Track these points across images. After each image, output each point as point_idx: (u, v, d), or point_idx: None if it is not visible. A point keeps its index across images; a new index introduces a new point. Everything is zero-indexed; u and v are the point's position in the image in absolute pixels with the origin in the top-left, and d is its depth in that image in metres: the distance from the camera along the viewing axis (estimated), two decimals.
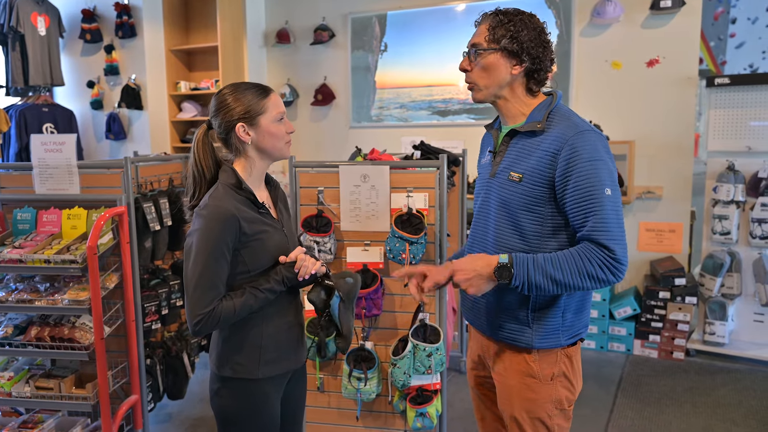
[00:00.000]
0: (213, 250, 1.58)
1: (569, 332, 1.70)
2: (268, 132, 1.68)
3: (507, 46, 1.62)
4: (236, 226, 1.60)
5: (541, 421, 1.70)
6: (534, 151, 1.61)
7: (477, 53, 1.66)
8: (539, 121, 1.63)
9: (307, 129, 5.71)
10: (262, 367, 1.71)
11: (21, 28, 5.04)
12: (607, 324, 4.37)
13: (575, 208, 1.55)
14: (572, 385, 1.73)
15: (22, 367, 2.89)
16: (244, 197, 1.66)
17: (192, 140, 1.74)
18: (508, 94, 1.68)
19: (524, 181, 1.61)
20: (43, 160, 2.87)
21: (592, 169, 1.54)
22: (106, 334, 2.72)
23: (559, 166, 1.56)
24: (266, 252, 1.68)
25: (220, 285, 1.60)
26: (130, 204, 2.84)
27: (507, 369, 1.73)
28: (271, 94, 1.70)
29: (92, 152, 5.60)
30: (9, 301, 2.67)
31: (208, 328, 1.59)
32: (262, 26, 5.71)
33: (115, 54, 5.36)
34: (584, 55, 4.58)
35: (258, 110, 1.66)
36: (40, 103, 5.27)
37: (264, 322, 1.71)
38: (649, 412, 3.45)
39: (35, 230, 2.84)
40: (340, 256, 2.77)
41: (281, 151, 1.72)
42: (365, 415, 2.85)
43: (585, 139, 1.56)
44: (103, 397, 2.67)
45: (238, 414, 1.70)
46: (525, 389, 1.69)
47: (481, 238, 1.76)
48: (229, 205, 1.61)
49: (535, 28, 1.63)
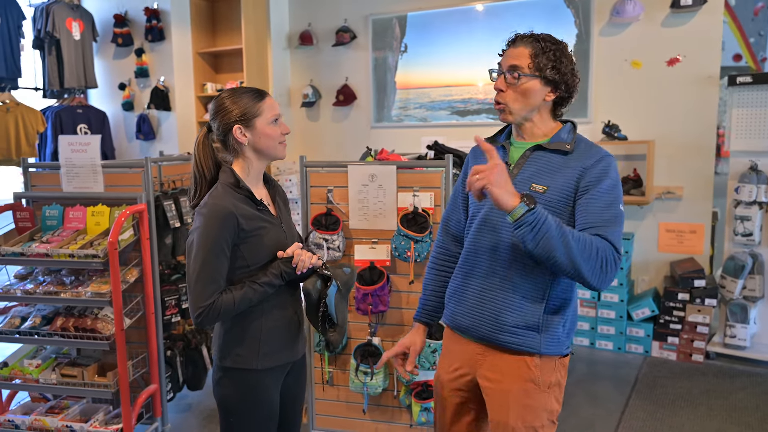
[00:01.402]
0: (213, 246, 1.67)
1: (567, 342, 1.74)
2: (263, 133, 1.76)
3: (549, 75, 1.69)
4: (234, 223, 1.69)
5: (535, 430, 1.71)
6: (562, 169, 1.69)
7: (518, 77, 1.70)
8: (568, 142, 1.71)
9: (329, 129, 5.81)
10: (261, 359, 1.79)
11: (57, 33, 5.25)
12: (625, 325, 4.35)
13: (591, 212, 1.61)
14: (561, 398, 1.76)
15: (50, 356, 3.05)
16: (243, 195, 1.75)
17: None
18: (536, 118, 1.76)
19: (548, 194, 1.67)
20: (70, 159, 3.02)
21: (615, 188, 1.66)
22: (127, 325, 2.85)
23: (587, 178, 1.65)
24: (264, 247, 1.76)
25: (219, 279, 1.69)
26: (150, 202, 2.97)
27: (506, 374, 1.72)
28: (266, 98, 1.78)
29: (123, 152, 5.81)
30: (37, 293, 2.82)
31: (210, 320, 1.68)
32: (285, 28, 5.83)
33: (145, 57, 5.55)
34: (603, 54, 4.56)
35: (254, 113, 1.75)
36: (75, 105, 5.48)
37: (264, 316, 1.79)
38: (662, 413, 3.44)
39: (62, 226, 2.99)
40: (348, 253, 2.85)
41: (276, 151, 1.80)
42: (372, 409, 2.92)
43: (612, 164, 1.69)
44: (123, 385, 2.80)
45: (237, 402, 1.79)
46: (523, 395, 1.70)
47: (491, 248, 1.74)
48: (227, 203, 1.69)
49: (570, 60, 1.73)
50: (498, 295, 1.72)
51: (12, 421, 2.92)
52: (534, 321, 1.68)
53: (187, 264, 1.69)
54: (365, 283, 2.77)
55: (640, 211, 4.54)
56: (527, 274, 1.68)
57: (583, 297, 4.45)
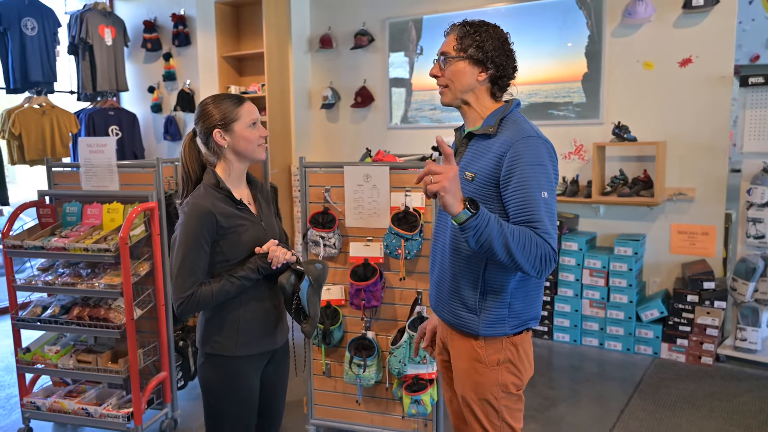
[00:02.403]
0: (192, 242, 1.81)
1: (515, 322, 1.82)
2: (241, 136, 1.89)
3: (473, 54, 1.77)
4: (213, 220, 1.83)
5: (487, 401, 1.83)
6: (485, 153, 1.75)
7: (446, 60, 1.81)
8: (492, 126, 1.77)
9: (347, 130, 5.95)
10: (239, 347, 1.92)
11: (90, 39, 5.54)
12: (634, 326, 4.35)
13: (514, 208, 1.67)
14: (519, 371, 1.84)
15: (69, 343, 3.26)
16: (223, 195, 1.88)
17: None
18: (472, 99, 1.82)
19: (476, 181, 1.75)
20: (89, 160, 3.23)
21: (532, 173, 1.66)
22: (137, 315, 3.03)
23: (504, 168, 1.69)
24: (243, 243, 1.89)
25: (198, 272, 1.83)
26: (161, 200, 3.15)
27: (459, 353, 1.87)
28: (244, 104, 1.91)
29: (152, 152, 6.07)
30: (56, 284, 3.03)
31: (190, 309, 1.83)
32: (306, 32, 5.99)
33: (173, 61, 5.79)
34: (615, 55, 4.56)
35: (232, 117, 1.88)
36: (107, 107, 5.76)
37: (242, 307, 1.93)
38: (662, 414, 3.45)
39: (80, 222, 3.20)
40: (344, 250, 2.97)
41: (254, 153, 1.93)
42: (367, 400, 3.04)
43: (529, 144, 1.69)
44: (133, 371, 2.98)
45: (218, 386, 1.93)
46: (473, 372, 1.83)
47: (443, 232, 1.90)
48: (206, 202, 1.83)
49: (498, 39, 1.79)
50: (446, 282, 1.86)
51: (34, 403, 3.14)
52: (472, 304, 1.80)
53: (170, 258, 1.84)
54: (360, 279, 2.89)
55: (651, 212, 4.53)
56: (465, 262, 1.79)
57: (593, 298, 4.47)
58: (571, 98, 4.79)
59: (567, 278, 4.56)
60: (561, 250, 4.55)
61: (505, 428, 1.84)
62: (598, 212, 4.73)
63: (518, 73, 1.87)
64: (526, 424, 3.34)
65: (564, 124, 4.83)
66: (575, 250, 4.51)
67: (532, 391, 3.74)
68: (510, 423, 1.84)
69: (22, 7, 5.15)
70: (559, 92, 4.82)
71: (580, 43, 4.67)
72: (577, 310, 4.54)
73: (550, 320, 4.65)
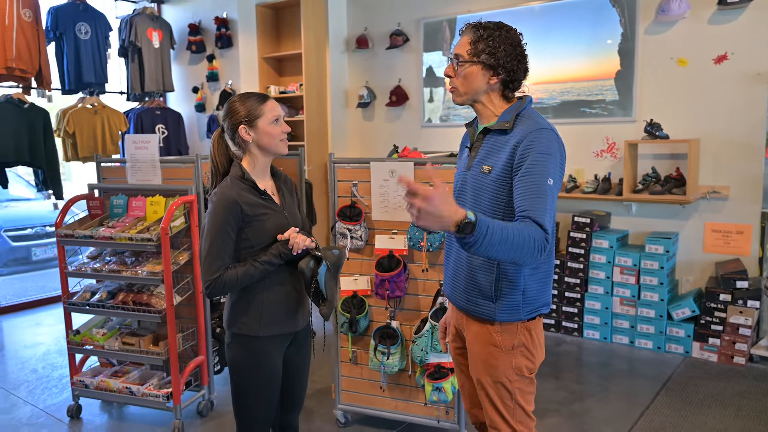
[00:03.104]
0: (219, 229, 1.97)
1: (529, 308, 1.90)
2: (265, 132, 2.04)
3: (485, 60, 1.84)
4: (238, 209, 1.98)
5: (502, 384, 1.92)
6: (503, 147, 1.84)
7: (459, 63, 1.89)
8: (508, 121, 1.85)
9: (383, 128, 6.07)
10: (263, 327, 2.07)
11: (138, 42, 5.82)
12: (665, 325, 4.34)
13: (522, 191, 1.75)
14: (532, 355, 1.93)
15: (115, 326, 3.49)
16: (248, 186, 2.03)
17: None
18: (485, 100, 1.91)
19: (492, 173, 1.84)
20: (134, 155, 3.44)
21: (542, 161, 1.75)
22: (177, 302, 3.23)
23: (518, 156, 1.78)
24: (266, 231, 2.04)
25: (225, 257, 1.98)
26: (200, 193, 3.34)
27: (475, 339, 1.96)
28: (267, 101, 2.06)
29: (195, 149, 6.33)
30: (103, 271, 3.26)
31: (217, 291, 1.98)
32: (344, 33, 6.14)
33: (215, 62, 6.03)
34: (649, 53, 4.55)
35: (256, 114, 2.03)
36: (154, 107, 6.04)
37: (265, 291, 2.07)
38: (688, 411, 3.45)
39: (126, 213, 3.42)
40: (370, 242, 3.09)
41: (277, 148, 2.07)
42: (392, 387, 3.15)
43: (541, 135, 1.78)
44: (172, 354, 3.18)
45: (242, 364, 2.08)
46: (489, 357, 1.92)
47: None
48: (232, 192, 1.99)
49: (512, 44, 1.85)
50: (462, 270, 1.95)
51: (82, 381, 3.38)
52: (488, 291, 1.88)
53: (199, 244, 2.00)
54: (384, 270, 3.01)
55: (684, 210, 4.50)
56: None
57: (623, 295, 4.48)
58: (603, 96, 4.79)
59: (597, 276, 4.57)
60: (592, 248, 4.56)
61: (518, 410, 1.93)
62: (630, 210, 4.72)
63: (551, 71, 1.95)
64: (549, 416, 3.40)
65: (596, 122, 4.84)
66: (606, 248, 4.52)
67: (558, 385, 3.79)
68: (522, 405, 1.93)
69: (77, 12, 5.46)
70: (592, 90, 4.82)
71: (613, 41, 4.66)
72: (608, 308, 4.55)
73: (580, 317, 4.67)
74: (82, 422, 3.40)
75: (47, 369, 4.18)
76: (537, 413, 3.37)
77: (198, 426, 3.33)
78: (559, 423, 3.34)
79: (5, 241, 7.01)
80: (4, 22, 4.83)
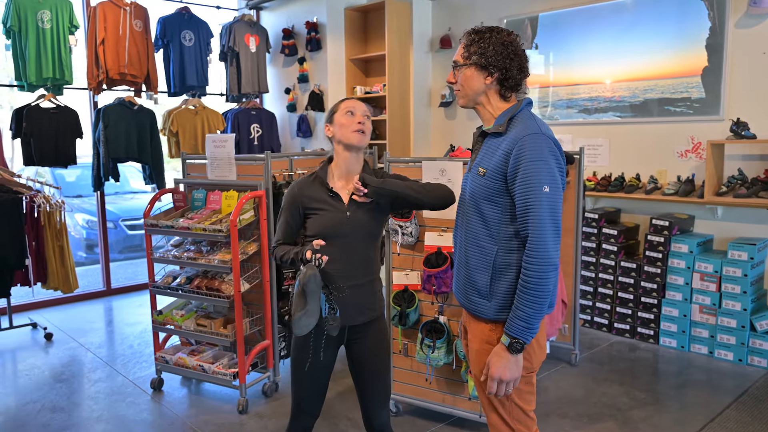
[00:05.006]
0: (283, 212, 2.26)
1: None
2: (338, 123, 2.22)
3: (477, 60, 1.93)
4: (299, 200, 2.22)
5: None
6: (497, 150, 1.91)
7: (457, 68, 2.00)
8: (501, 125, 1.92)
9: (464, 126, 6.12)
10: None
11: (237, 47, 6.27)
12: (747, 336, 4.07)
13: (519, 202, 1.83)
14: (529, 354, 1.94)
15: (192, 309, 3.85)
16: (318, 183, 2.24)
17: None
18: (484, 101, 1.98)
19: (487, 176, 1.91)
20: (213, 153, 3.77)
21: (534, 169, 1.80)
22: (245, 289, 3.51)
23: (511, 164, 1.84)
24: (320, 224, 2.21)
25: (281, 234, 2.26)
26: (269, 189, 3.60)
27: (474, 336, 2.03)
28: (345, 101, 2.26)
29: (287, 147, 6.71)
30: (182, 258, 3.61)
31: (272, 254, 2.27)
32: (428, 34, 6.25)
33: (306, 65, 6.36)
34: (739, 47, 4.27)
35: (334, 110, 2.25)
36: (250, 108, 6.47)
37: None
38: (756, 427, 3.25)
39: (205, 206, 3.76)
40: (420, 239, 3.20)
41: (349, 138, 2.20)
42: (438, 380, 3.25)
43: (532, 141, 1.82)
44: (239, 337, 3.47)
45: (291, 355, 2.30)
46: (484, 354, 1.97)
47: (459, 222, 2.09)
48: (296, 187, 2.24)
49: (502, 43, 1.92)
50: (462, 269, 2.02)
51: (164, 357, 3.76)
52: (484, 290, 1.94)
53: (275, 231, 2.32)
54: (432, 267, 3.10)
55: None
56: (478, 249, 1.94)
57: (703, 303, 4.25)
58: (689, 93, 4.55)
59: (676, 281, 4.37)
60: (670, 252, 4.37)
61: (515, 409, 1.96)
62: (716, 214, 4.46)
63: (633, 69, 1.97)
64: (602, 421, 3.35)
65: (681, 121, 4.61)
66: (685, 252, 4.31)
67: (621, 391, 3.70)
68: (519, 404, 1.96)
69: (182, 21, 5.98)
70: (677, 87, 4.60)
71: (701, 36, 4.42)
72: (686, 315, 4.34)
73: (656, 324, 4.49)
74: (163, 394, 3.78)
75: (141, 345, 4.66)
76: (591, 416, 3.36)
77: (261, 405, 3.60)
78: (610, 428, 3.27)
79: (122, 229, 7.82)
80: (118, 32, 5.41)
